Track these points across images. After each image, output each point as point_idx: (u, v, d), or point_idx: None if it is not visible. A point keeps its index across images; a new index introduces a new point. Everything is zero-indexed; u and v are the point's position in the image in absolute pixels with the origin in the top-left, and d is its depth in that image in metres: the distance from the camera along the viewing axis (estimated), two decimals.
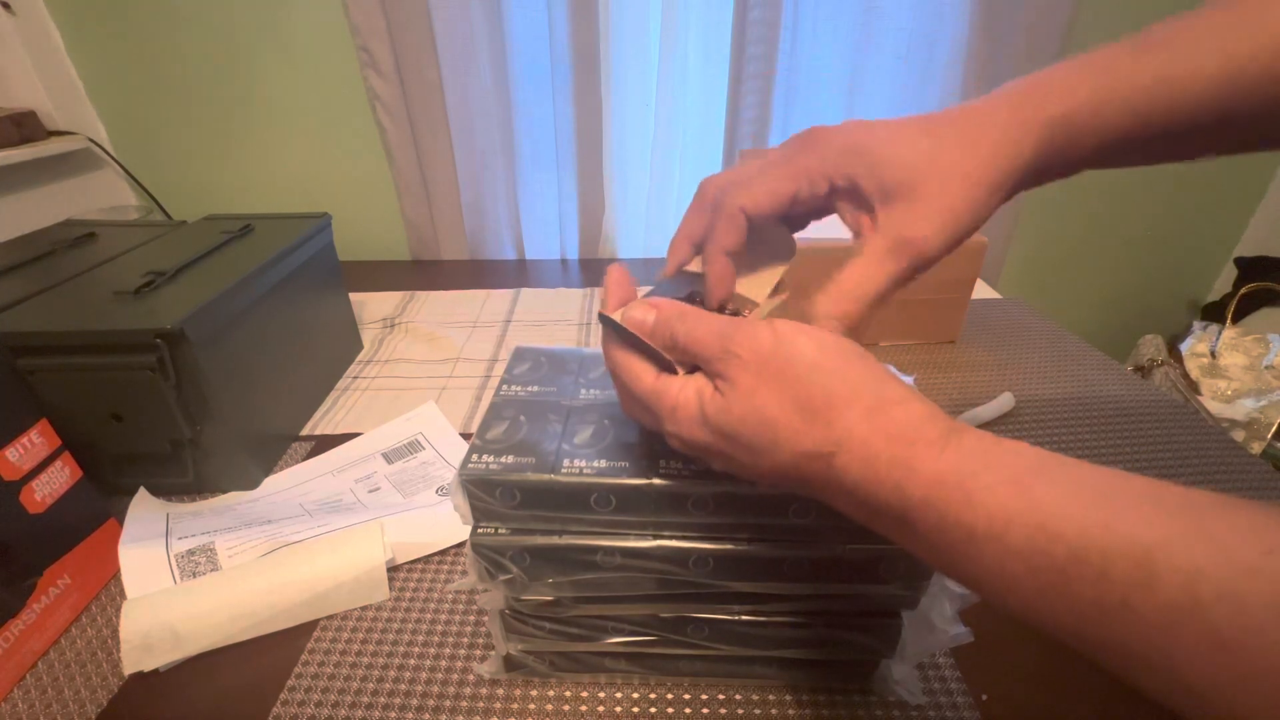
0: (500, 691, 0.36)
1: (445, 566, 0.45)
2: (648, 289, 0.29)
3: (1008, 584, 0.18)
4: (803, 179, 0.27)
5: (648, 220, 1.02)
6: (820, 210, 0.28)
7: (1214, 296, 1.23)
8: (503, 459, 0.29)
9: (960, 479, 0.19)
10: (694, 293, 0.29)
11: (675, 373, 0.25)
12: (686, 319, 0.24)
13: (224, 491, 0.52)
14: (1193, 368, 1.09)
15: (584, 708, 0.35)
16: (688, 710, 0.35)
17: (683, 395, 0.24)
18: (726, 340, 0.23)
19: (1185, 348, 1.12)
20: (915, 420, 0.20)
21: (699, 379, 0.24)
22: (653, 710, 0.35)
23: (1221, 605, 0.14)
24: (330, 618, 0.41)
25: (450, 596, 0.42)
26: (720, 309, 0.28)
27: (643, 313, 0.26)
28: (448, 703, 0.36)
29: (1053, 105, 0.25)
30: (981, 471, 0.19)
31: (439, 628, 0.40)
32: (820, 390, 0.21)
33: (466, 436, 0.58)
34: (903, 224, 0.25)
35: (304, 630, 0.40)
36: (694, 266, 0.30)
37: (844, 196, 0.27)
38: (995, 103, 0.26)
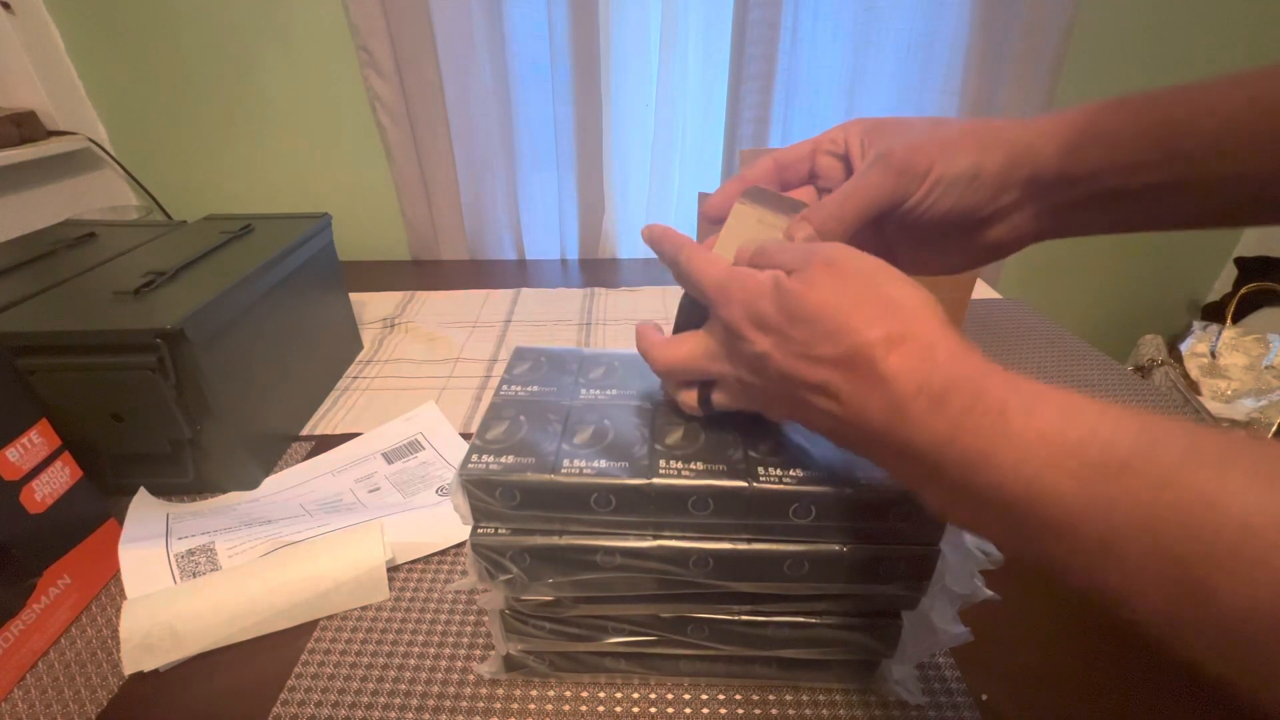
0: (500, 691, 0.36)
1: (445, 566, 0.45)
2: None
3: (1021, 455, 0.19)
4: (826, 136, 0.31)
5: (648, 220, 1.01)
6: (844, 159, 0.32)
7: (1214, 296, 1.23)
8: (503, 459, 0.29)
9: (1004, 371, 0.21)
10: None
11: None
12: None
13: (224, 491, 0.52)
14: (1193, 368, 1.09)
15: (584, 708, 0.35)
16: (688, 710, 0.35)
17: (761, 274, 0.25)
18: (832, 245, 0.26)
19: (1185, 348, 1.12)
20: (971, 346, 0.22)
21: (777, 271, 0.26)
22: (653, 710, 0.35)
23: (1207, 470, 0.16)
24: (330, 618, 0.41)
25: (450, 596, 0.42)
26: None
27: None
28: (448, 703, 0.36)
29: (1074, 112, 0.28)
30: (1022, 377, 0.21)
31: (439, 628, 0.40)
32: (906, 298, 0.23)
33: (466, 436, 0.58)
34: (885, 143, 0.29)
35: (304, 630, 0.40)
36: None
37: (853, 135, 0.31)
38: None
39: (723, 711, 0.35)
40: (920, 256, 0.32)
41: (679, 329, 0.31)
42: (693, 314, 0.30)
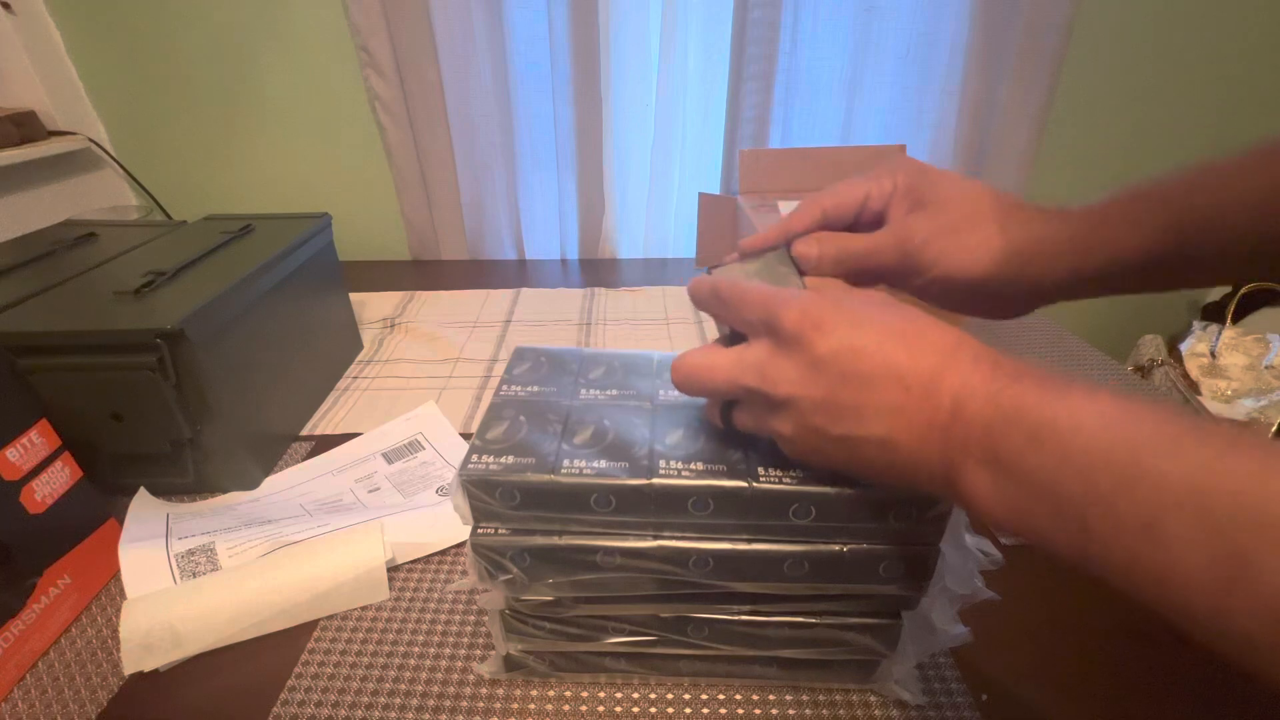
0: (500, 691, 0.36)
1: (445, 566, 0.45)
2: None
3: (1079, 422, 0.19)
4: (877, 185, 0.32)
5: (648, 220, 1.02)
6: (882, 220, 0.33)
7: (1214, 296, 1.22)
8: (503, 459, 0.29)
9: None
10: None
11: None
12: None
13: (224, 491, 0.52)
14: (1193, 368, 1.09)
15: (584, 708, 0.35)
16: (688, 710, 0.35)
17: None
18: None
19: (1185, 348, 1.12)
20: None
21: None
22: (653, 710, 0.35)
23: (1257, 451, 0.16)
24: (330, 618, 0.41)
25: (450, 596, 0.42)
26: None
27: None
28: (448, 703, 0.36)
29: (1088, 214, 0.30)
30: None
31: (439, 628, 0.40)
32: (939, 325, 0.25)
33: (466, 436, 0.58)
34: (913, 219, 0.31)
35: (304, 630, 0.40)
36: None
37: (900, 189, 0.32)
38: None
39: (723, 711, 0.35)
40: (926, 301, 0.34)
41: None
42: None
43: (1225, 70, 0.98)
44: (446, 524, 0.47)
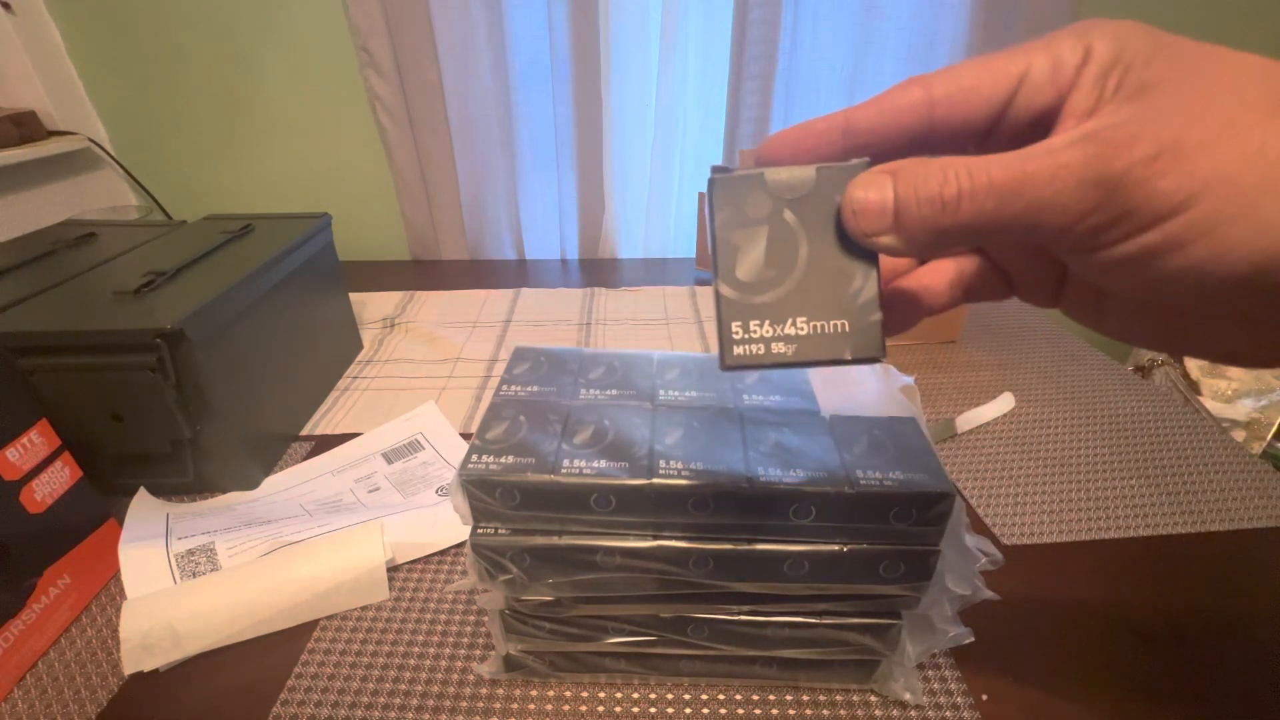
0: (500, 691, 0.36)
1: (445, 566, 0.45)
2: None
3: None
4: (1040, 51, 0.17)
5: (648, 220, 1.02)
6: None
7: None
8: (503, 459, 0.29)
9: None
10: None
11: None
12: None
13: (224, 491, 0.52)
14: (1193, 367, 1.09)
15: (584, 708, 0.35)
16: (688, 710, 0.35)
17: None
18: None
19: None
20: None
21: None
22: (653, 710, 0.35)
23: None
24: (330, 618, 0.41)
25: (450, 596, 0.42)
26: None
27: None
28: (448, 703, 0.36)
29: None
30: None
31: (439, 628, 0.40)
32: None
33: (466, 436, 0.58)
34: (1140, 123, 0.15)
35: (304, 630, 0.40)
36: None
37: (1094, 62, 0.16)
38: None
39: (723, 711, 0.35)
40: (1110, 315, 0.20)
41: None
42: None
43: None
44: (446, 524, 0.47)
